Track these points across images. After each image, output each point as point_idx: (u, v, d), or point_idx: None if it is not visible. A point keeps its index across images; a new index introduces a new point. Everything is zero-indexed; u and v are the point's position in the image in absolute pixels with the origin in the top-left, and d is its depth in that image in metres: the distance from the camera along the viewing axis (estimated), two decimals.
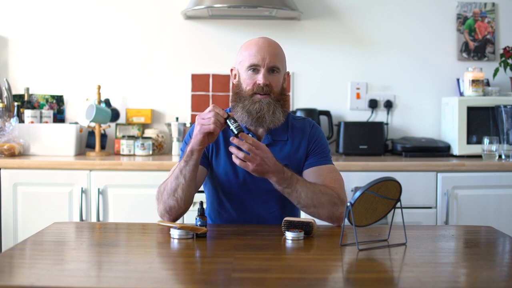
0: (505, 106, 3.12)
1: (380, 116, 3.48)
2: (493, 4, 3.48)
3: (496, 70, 3.34)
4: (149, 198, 2.23)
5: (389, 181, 1.58)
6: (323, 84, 3.48)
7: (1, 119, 3.09)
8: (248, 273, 1.37)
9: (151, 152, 3.22)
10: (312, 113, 3.31)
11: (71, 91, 3.42)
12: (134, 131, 3.37)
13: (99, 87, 3.27)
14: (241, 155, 1.74)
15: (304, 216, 1.87)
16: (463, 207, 2.93)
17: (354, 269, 1.46)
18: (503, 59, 3.33)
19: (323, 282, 1.34)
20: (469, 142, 3.19)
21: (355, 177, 2.86)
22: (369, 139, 3.29)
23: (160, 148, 3.32)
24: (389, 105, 3.46)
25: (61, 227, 1.85)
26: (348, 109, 3.48)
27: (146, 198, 2.70)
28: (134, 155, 3.20)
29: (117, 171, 2.87)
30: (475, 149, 3.17)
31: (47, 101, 3.35)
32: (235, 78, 1.96)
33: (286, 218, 1.72)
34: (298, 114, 3.23)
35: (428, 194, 2.91)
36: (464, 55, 3.47)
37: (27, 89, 3.32)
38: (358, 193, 1.55)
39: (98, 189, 2.84)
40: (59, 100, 3.38)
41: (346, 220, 1.59)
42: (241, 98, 1.90)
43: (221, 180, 1.95)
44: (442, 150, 3.23)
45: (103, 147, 3.29)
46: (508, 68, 3.33)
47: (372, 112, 3.48)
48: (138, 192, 2.84)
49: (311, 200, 1.80)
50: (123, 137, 3.27)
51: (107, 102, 3.32)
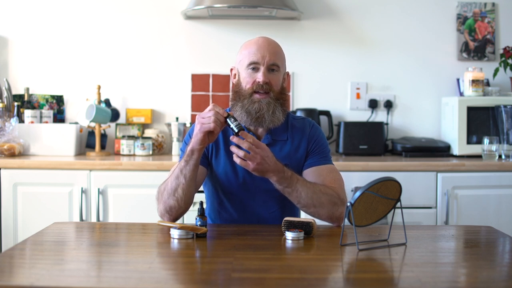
0: (505, 106, 3.12)
1: (380, 116, 3.48)
2: (493, 4, 3.48)
3: (496, 70, 3.34)
4: (149, 198, 2.23)
5: (389, 181, 1.58)
6: (323, 84, 3.48)
7: (1, 119, 3.09)
8: (248, 273, 1.37)
9: (151, 152, 3.22)
10: (312, 113, 3.31)
11: (71, 91, 3.43)
12: (134, 131, 3.37)
13: (99, 87, 3.27)
14: (241, 154, 1.74)
15: (304, 216, 1.87)
16: (463, 207, 2.93)
17: (354, 269, 1.46)
18: (503, 59, 3.33)
19: (323, 282, 1.34)
20: (469, 142, 3.19)
21: (355, 177, 2.86)
22: (369, 139, 3.29)
23: (160, 148, 3.32)
24: (389, 105, 3.46)
25: (61, 227, 1.85)
26: (348, 109, 3.48)
27: (146, 198, 2.70)
28: (134, 155, 3.20)
29: (117, 171, 2.87)
30: (475, 149, 3.17)
31: (47, 101, 3.35)
32: (235, 78, 1.96)
33: (286, 218, 1.72)
34: (298, 114, 3.23)
35: (428, 194, 2.92)
36: (464, 55, 3.47)
37: (27, 89, 3.32)
38: (358, 193, 1.55)
39: (98, 189, 2.84)
40: (59, 100, 3.38)
41: (346, 220, 1.59)
42: (241, 97, 1.89)
43: (221, 180, 1.95)
44: (442, 150, 3.23)
45: (103, 147, 3.29)
46: (508, 68, 3.33)
47: (372, 112, 3.48)
48: (138, 192, 2.84)
49: (311, 200, 1.80)
50: (123, 137, 3.27)
51: (107, 102, 3.32)
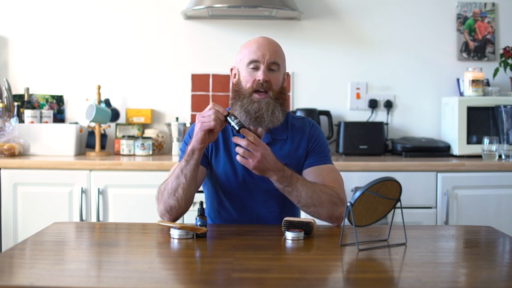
0: (505, 106, 3.12)
1: (380, 116, 3.48)
2: (493, 4, 3.48)
3: (496, 70, 3.34)
4: (149, 198, 2.23)
5: (389, 181, 1.58)
6: (323, 84, 3.48)
7: (1, 119, 3.09)
8: (248, 273, 1.37)
9: (151, 152, 3.22)
10: (312, 113, 3.31)
11: (71, 91, 3.43)
12: (134, 131, 3.37)
13: (99, 87, 3.27)
14: (241, 151, 1.74)
15: (304, 216, 1.87)
16: (463, 207, 2.93)
17: (354, 269, 1.46)
18: (503, 59, 3.33)
19: (323, 282, 1.34)
20: (469, 142, 3.19)
21: (355, 177, 2.86)
22: (369, 139, 3.29)
23: (160, 148, 3.32)
24: (389, 105, 3.46)
25: (61, 227, 1.85)
26: (348, 109, 3.48)
27: (146, 198, 2.70)
28: (134, 155, 3.20)
29: (117, 171, 2.87)
30: (475, 149, 3.17)
31: (47, 101, 3.35)
32: (235, 77, 1.96)
33: (286, 218, 1.72)
34: (298, 114, 3.23)
35: (428, 194, 2.91)
36: (464, 55, 3.47)
37: (27, 89, 3.32)
38: (358, 193, 1.55)
39: (98, 189, 2.84)
40: (59, 100, 3.38)
41: (346, 220, 1.59)
42: (240, 96, 1.89)
43: (221, 180, 1.95)
44: (442, 150, 3.23)
45: (103, 147, 3.29)
46: (508, 68, 3.32)
47: (372, 112, 3.48)
48: (138, 192, 2.84)
49: (311, 199, 1.80)
50: (123, 137, 3.27)
51: (107, 102, 3.32)
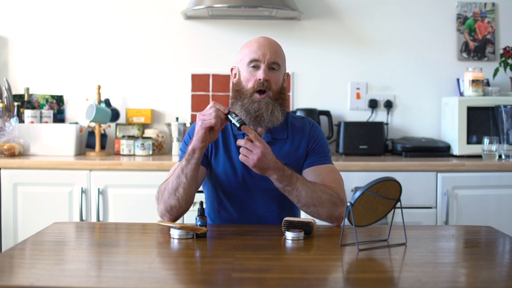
0: (505, 106, 3.12)
1: (380, 116, 3.48)
2: (493, 4, 3.48)
3: (496, 70, 3.34)
4: (149, 198, 2.23)
5: (389, 181, 1.58)
6: (323, 84, 3.48)
7: (1, 119, 3.09)
8: (248, 273, 1.37)
9: (151, 152, 3.22)
10: (312, 113, 3.31)
11: (71, 91, 3.43)
12: (134, 131, 3.37)
13: (99, 87, 3.27)
14: (242, 143, 1.75)
15: (304, 216, 1.87)
16: (463, 207, 2.93)
17: (354, 269, 1.46)
18: (503, 59, 3.33)
19: (323, 282, 1.34)
20: (469, 142, 3.19)
21: (355, 177, 2.86)
22: (369, 139, 3.29)
23: (160, 148, 3.32)
24: (389, 105, 3.46)
25: (61, 227, 1.85)
26: (348, 109, 3.48)
27: (146, 198, 2.70)
28: (134, 155, 3.20)
29: (117, 171, 2.87)
30: (475, 149, 3.17)
31: (47, 101, 3.35)
32: (235, 77, 1.96)
33: (286, 218, 1.72)
34: (298, 114, 3.23)
35: (428, 194, 2.91)
36: (464, 55, 3.47)
37: (27, 89, 3.32)
38: (358, 193, 1.55)
39: (98, 189, 2.84)
40: (59, 100, 3.38)
41: (346, 220, 1.59)
42: (241, 96, 1.90)
43: (221, 180, 1.95)
44: (442, 150, 3.23)
45: (103, 147, 3.29)
46: (508, 68, 3.32)
47: (372, 112, 3.48)
48: (138, 192, 2.84)
49: (311, 199, 1.80)
50: (123, 137, 3.27)
51: (107, 102, 3.32)
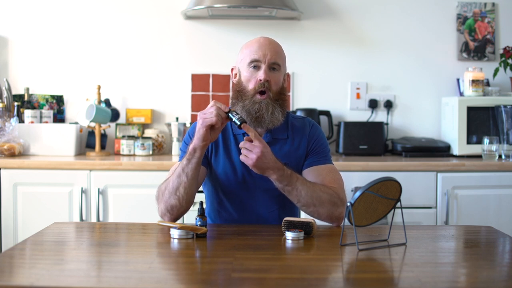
0: (505, 106, 3.12)
1: (380, 116, 3.48)
2: (493, 4, 3.48)
3: (496, 70, 3.34)
4: (149, 198, 2.23)
5: (389, 181, 1.58)
6: (323, 84, 3.48)
7: (1, 119, 3.09)
8: (248, 273, 1.37)
9: (151, 152, 3.22)
10: (312, 113, 3.31)
11: (71, 91, 3.43)
12: (134, 131, 3.37)
13: (99, 87, 3.27)
14: (241, 144, 1.76)
15: (304, 216, 1.87)
16: (463, 207, 2.93)
17: (354, 269, 1.46)
18: (503, 59, 3.33)
19: (323, 282, 1.34)
20: (469, 142, 3.19)
21: (355, 177, 2.86)
22: (369, 139, 3.29)
23: (160, 148, 3.32)
24: (389, 105, 3.46)
25: (61, 227, 1.85)
26: (348, 109, 3.48)
27: (146, 198, 2.70)
28: (134, 155, 3.20)
29: (117, 171, 2.87)
30: (475, 149, 3.17)
31: (47, 101, 3.35)
32: (236, 77, 1.97)
33: (286, 218, 1.72)
34: (298, 114, 3.23)
35: (428, 194, 2.91)
36: (464, 55, 3.47)
37: (27, 89, 3.32)
38: (358, 193, 1.55)
39: (98, 189, 2.84)
40: (59, 100, 3.38)
41: (346, 220, 1.59)
42: (243, 97, 1.90)
43: (221, 180, 1.95)
44: (442, 150, 3.23)
45: (103, 147, 3.29)
46: (508, 68, 3.32)
47: (372, 112, 3.48)
48: (138, 192, 2.84)
49: (311, 199, 1.80)
50: (123, 137, 3.27)
51: (107, 102, 3.32)
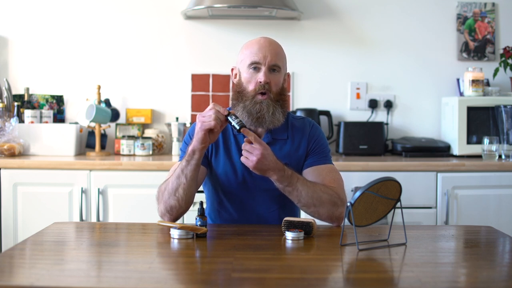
0: (505, 106, 3.12)
1: (380, 116, 3.48)
2: (493, 4, 3.48)
3: (496, 70, 3.34)
4: (149, 198, 2.23)
5: (389, 181, 1.58)
6: (323, 84, 3.48)
7: (1, 119, 3.09)
8: (248, 273, 1.37)
9: (151, 152, 3.22)
10: (312, 113, 3.31)
11: (71, 91, 3.43)
12: (134, 131, 3.37)
13: (99, 87, 3.27)
14: (242, 148, 1.76)
15: (304, 216, 1.87)
16: (463, 207, 2.93)
17: (354, 269, 1.46)
18: (503, 59, 3.33)
19: (323, 282, 1.34)
20: (469, 142, 3.19)
21: (355, 177, 2.86)
22: (369, 139, 3.29)
23: (160, 148, 3.32)
24: (389, 105, 3.46)
25: (61, 227, 1.85)
26: (348, 109, 3.48)
27: (146, 198, 2.70)
28: (134, 155, 3.20)
29: (117, 171, 2.87)
30: (475, 149, 3.17)
31: (47, 101, 3.35)
32: (236, 77, 1.97)
33: (286, 218, 1.72)
34: (298, 114, 3.23)
35: (428, 194, 2.91)
36: (464, 55, 3.47)
37: (27, 89, 3.32)
38: (358, 193, 1.55)
39: (98, 189, 2.84)
40: (59, 100, 3.38)
41: (346, 220, 1.59)
42: (243, 98, 1.90)
43: (221, 180, 1.95)
44: (442, 150, 3.23)
45: (103, 147, 3.29)
46: (508, 68, 3.32)
47: (372, 112, 3.48)
48: (138, 192, 2.84)
49: (312, 199, 1.80)
50: (123, 137, 3.27)
51: (107, 102, 3.32)
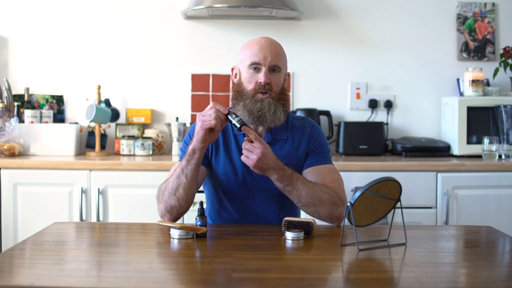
0: (505, 106, 3.12)
1: (380, 116, 3.48)
2: (493, 4, 3.48)
3: (496, 70, 3.34)
4: (149, 198, 2.23)
5: (389, 181, 1.58)
6: (323, 84, 3.48)
7: (1, 119, 3.09)
8: (248, 273, 1.37)
9: (151, 152, 3.22)
10: (312, 113, 3.31)
11: (71, 91, 3.43)
12: (134, 131, 3.37)
13: (99, 87, 3.27)
14: (242, 146, 1.76)
15: (304, 216, 1.87)
16: (463, 207, 2.93)
17: (354, 269, 1.46)
18: (503, 59, 3.33)
19: (323, 282, 1.34)
20: (469, 142, 3.19)
21: (355, 177, 2.86)
22: (369, 139, 3.29)
23: (160, 148, 3.32)
24: (389, 105, 3.46)
25: (61, 227, 1.85)
26: (348, 109, 3.48)
27: (146, 198, 2.70)
28: (134, 155, 3.20)
29: (117, 171, 2.87)
30: (475, 149, 3.17)
31: (47, 101, 3.35)
32: (236, 77, 1.97)
33: (286, 218, 1.72)
34: (298, 114, 3.23)
35: (428, 194, 2.91)
36: (464, 55, 3.47)
37: (27, 89, 3.32)
38: (358, 193, 1.55)
39: (98, 189, 2.84)
40: (59, 100, 3.38)
41: (346, 220, 1.59)
42: (243, 97, 1.90)
43: (221, 180, 1.95)
44: (442, 150, 3.23)
45: (103, 147, 3.29)
46: (508, 68, 3.32)
47: (372, 112, 3.48)
48: (138, 192, 2.84)
49: (312, 199, 1.80)
50: (123, 137, 3.27)
51: (107, 102, 3.32)
